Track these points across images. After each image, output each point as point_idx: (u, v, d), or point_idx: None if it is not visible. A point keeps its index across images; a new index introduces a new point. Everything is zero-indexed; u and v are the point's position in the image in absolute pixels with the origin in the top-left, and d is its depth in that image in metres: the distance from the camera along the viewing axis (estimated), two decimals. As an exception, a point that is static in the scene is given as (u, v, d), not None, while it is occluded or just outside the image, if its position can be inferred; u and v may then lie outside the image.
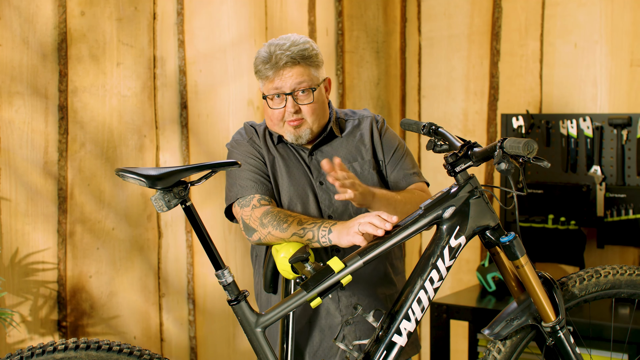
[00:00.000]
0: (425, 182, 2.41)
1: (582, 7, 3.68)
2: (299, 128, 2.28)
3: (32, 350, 1.86)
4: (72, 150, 2.96)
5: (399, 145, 2.40)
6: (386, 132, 2.41)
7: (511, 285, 2.15)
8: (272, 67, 2.24)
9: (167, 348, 3.27)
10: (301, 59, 2.25)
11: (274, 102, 2.28)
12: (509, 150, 1.92)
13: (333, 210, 2.31)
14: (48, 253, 2.89)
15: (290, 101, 2.25)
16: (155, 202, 1.91)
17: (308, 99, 2.27)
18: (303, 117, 2.28)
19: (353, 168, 2.34)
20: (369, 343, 2.05)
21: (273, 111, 2.29)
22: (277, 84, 2.25)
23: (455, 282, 4.09)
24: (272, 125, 2.33)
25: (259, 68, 2.28)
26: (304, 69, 2.26)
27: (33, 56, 2.84)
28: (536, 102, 3.82)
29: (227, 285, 1.99)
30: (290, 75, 2.24)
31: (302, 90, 2.26)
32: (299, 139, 2.31)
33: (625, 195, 3.44)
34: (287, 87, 2.25)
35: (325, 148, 2.36)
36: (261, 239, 2.19)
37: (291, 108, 2.25)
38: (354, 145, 2.38)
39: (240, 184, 2.29)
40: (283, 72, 2.24)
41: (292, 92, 2.25)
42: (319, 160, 2.33)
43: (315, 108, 2.28)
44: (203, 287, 3.37)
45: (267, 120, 2.34)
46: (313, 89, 2.27)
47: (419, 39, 4.21)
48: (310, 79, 2.27)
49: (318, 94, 2.29)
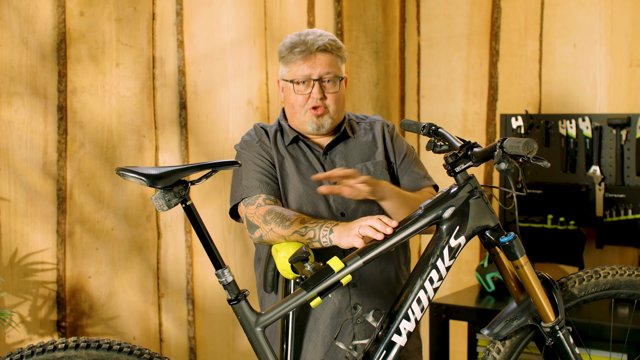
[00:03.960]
0: (434, 185, 2.44)
1: (582, 7, 3.68)
2: (321, 117, 2.32)
3: (32, 349, 1.86)
4: (72, 151, 2.95)
5: (409, 151, 2.44)
6: (397, 137, 2.45)
7: (510, 285, 2.15)
8: (303, 52, 2.29)
9: (167, 348, 3.27)
10: (333, 48, 2.32)
11: (299, 87, 2.31)
12: (509, 150, 1.92)
13: (345, 208, 2.32)
14: (47, 253, 2.89)
15: (317, 87, 2.30)
16: (156, 201, 1.91)
17: (334, 88, 2.32)
18: (327, 105, 2.31)
19: (366, 167, 2.37)
20: (368, 343, 2.05)
21: (297, 97, 2.32)
22: (306, 69, 2.29)
23: (454, 282, 4.09)
24: (293, 112, 2.34)
25: (286, 53, 2.32)
26: (333, 59, 2.32)
27: (32, 56, 2.84)
28: (535, 103, 3.82)
29: (227, 285, 1.99)
30: (321, 62, 2.29)
31: (329, 80, 2.31)
32: (320, 128, 2.33)
33: (625, 196, 3.44)
34: (316, 73, 2.29)
35: (339, 147, 2.39)
36: (263, 236, 2.19)
37: (317, 94, 2.29)
38: (367, 146, 2.41)
39: (247, 184, 2.30)
40: (314, 58, 2.29)
41: (320, 79, 2.30)
42: (333, 160, 2.36)
43: (338, 98, 2.34)
44: (202, 288, 3.37)
45: (289, 107, 2.36)
46: (340, 79, 2.33)
47: (418, 39, 4.21)
48: (337, 69, 2.33)
49: (342, 86, 2.35)
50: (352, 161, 2.37)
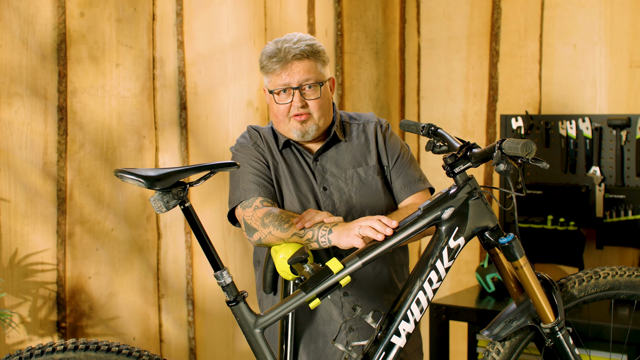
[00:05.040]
0: (430, 187, 2.41)
1: (582, 8, 3.68)
2: (305, 123, 2.28)
3: (30, 351, 1.86)
4: (72, 151, 2.96)
5: (403, 151, 2.40)
6: (391, 137, 2.41)
7: (510, 286, 2.15)
8: (280, 61, 2.26)
9: (167, 349, 3.27)
10: (309, 53, 2.27)
11: (280, 97, 2.29)
12: (508, 151, 1.92)
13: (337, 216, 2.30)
14: (47, 254, 2.89)
15: (298, 95, 2.26)
16: (154, 203, 1.91)
17: (315, 94, 2.28)
18: (310, 112, 2.28)
19: (357, 173, 2.34)
20: (367, 344, 2.05)
21: (279, 106, 2.29)
22: (285, 78, 2.26)
23: (454, 283, 4.09)
24: (278, 122, 2.32)
25: (265, 63, 2.29)
26: (312, 64, 2.28)
27: (32, 57, 2.84)
28: (535, 103, 3.82)
29: (225, 286, 1.99)
30: (298, 70, 2.26)
31: (309, 86, 2.27)
32: (305, 135, 2.30)
33: (625, 196, 3.44)
34: (295, 81, 2.26)
35: (330, 153, 2.36)
36: (261, 239, 2.19)
37: (298, 102, 2.26)
38: (359, 150, 2.38)
39: (244, 187, 2.29)
40: (291, 66, 2.26)
41: (300, 87, 2.26)
42: (324, 166, 2.34)
43: (322, 103, 2.29)
44: (202, 288, 3.37)
45: (273, 117, 2.34)
46: (320, 84, 2.29)
47: (419, 40, 4.21)
48: (317, 74, 2.28)
49: (324, 90, 2.31)
50: (342, 167, 2.34)
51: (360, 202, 2.31)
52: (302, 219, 2.13)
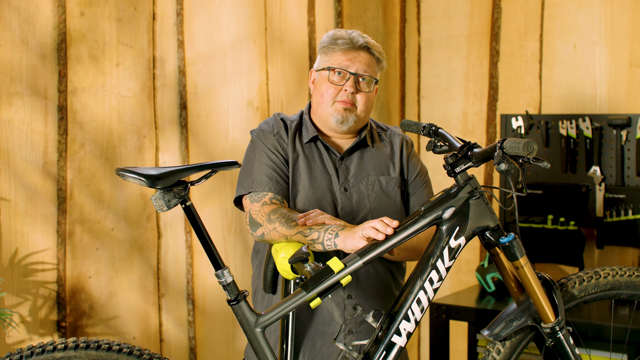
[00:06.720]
0: None
1: (582, 8, 3.68)
2: (348, 111, 2.31)
3: (32, 350, 1.86)
4: (72, 151, 2.95)
5: (422, 172, 2.44)
6: (414, 156, 2.45)
7: (511, 286, 2.15)
8: (347, 44, 2.31)
9: (167, 348, 3.27)
10: (375, 51, 2.34)
11: (334, 77, 2.31)
12: (509, 151, 1.92)
13: (352, 218, 2.30)
14: (47, 253, 2.89)
15: (352, 82, 2.30)
16: (155, 201, 1.91)
17: (367, 88, 2.33)
18: (356, 103, 2.32)
19: (379, 181, 2.35)
20: (368, 343, 2.05)
21: (329, 86, 2.31)
22: (345, 61, 2.30)
23: (454, 283, 4.09)
24: (321, 102, 2.33)
25: (328, 43, 2.33)
26: (373, 61, 2.34)
27: (32, 57, 2.84)
28: (535, 103, 3.82)
29: (226, 285, 1.99)
30: (360, 60, 2.31)
31: (364, 78, 2.32)
32: (344, 122, 2.31)
33: (625, 196, 3.44)
34: (354, 68, 2.30)
35: (356, 155, 2.37)
36: (265, 235, 2.19)
37: (350, 88, 2.30)
38: (383, 159, 2.39)
39: (256, 178, 2.28)
40: (356, 54, 2.31)
41: (356, 75, 2.30)
42: (348, 167, 2.35)
43: (368, 99, 2.34)
44: (202, 288, 3.37)
45: (317, 97, 2.35)
46: (375, 80, 2.34)
47: (419, 40, 4.21)
48: (374, 72, 2.34)
49: (374, 90, 2.36)
50: (365, 172, 2.35)
51: (378, 209, 2.32)
52: (307, 216, 2.13)
